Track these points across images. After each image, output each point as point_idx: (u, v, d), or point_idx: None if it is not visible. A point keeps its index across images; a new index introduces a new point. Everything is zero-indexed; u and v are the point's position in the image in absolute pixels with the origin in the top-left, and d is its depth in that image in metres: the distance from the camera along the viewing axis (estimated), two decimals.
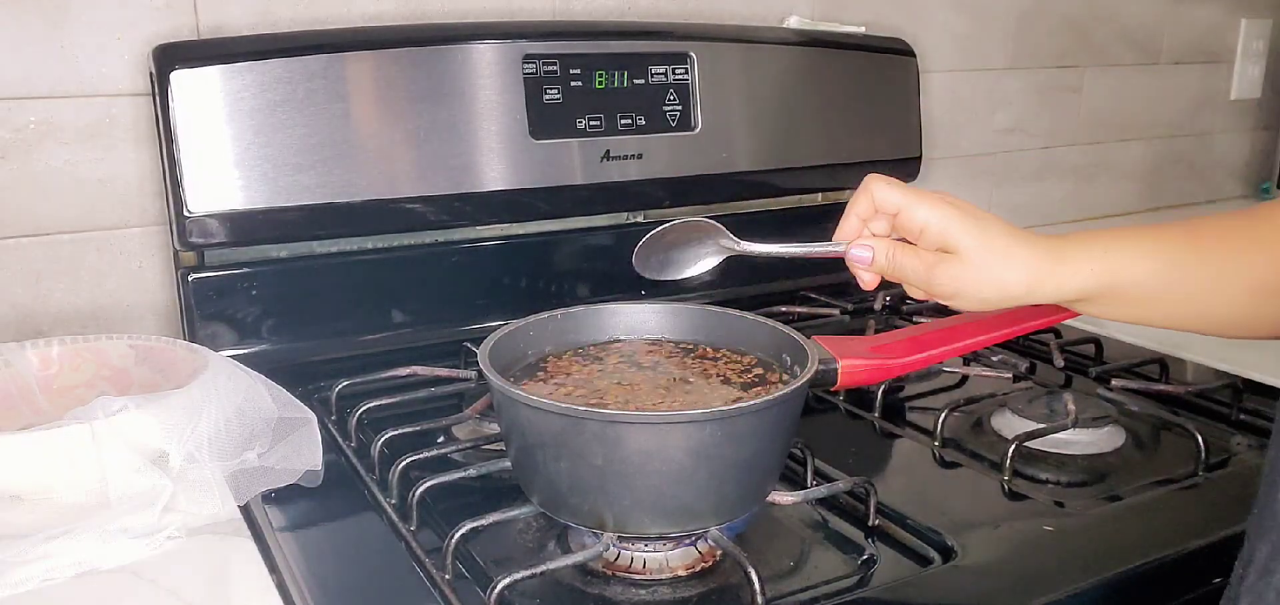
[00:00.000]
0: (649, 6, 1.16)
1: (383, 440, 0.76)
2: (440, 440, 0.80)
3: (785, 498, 0.68)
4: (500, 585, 0.57)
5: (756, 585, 0.58)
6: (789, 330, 0.70)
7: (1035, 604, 0.60)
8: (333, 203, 0.90)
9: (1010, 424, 0.86)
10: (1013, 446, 0.78)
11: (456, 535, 0.62)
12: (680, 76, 1.04)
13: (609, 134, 1.01)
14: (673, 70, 1.04)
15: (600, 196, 1.03)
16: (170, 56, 0.85)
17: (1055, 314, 0.70)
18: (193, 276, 0.90)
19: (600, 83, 1.00)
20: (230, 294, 0.91)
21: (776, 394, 0.61)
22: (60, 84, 0.90)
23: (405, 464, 0.72)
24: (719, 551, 0.65)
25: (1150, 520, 0.72)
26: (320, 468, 0.72)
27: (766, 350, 0.73)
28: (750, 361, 0.72)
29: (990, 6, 1.43)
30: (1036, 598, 0.60)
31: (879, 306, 1.17)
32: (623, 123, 1.02)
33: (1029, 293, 0.61)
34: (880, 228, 0.65)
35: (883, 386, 0.89)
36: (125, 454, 0.66)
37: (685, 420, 0.60)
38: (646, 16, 1.15)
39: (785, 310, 1.13)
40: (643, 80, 1.02)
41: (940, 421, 0.84)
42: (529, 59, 0.97)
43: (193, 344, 0.82)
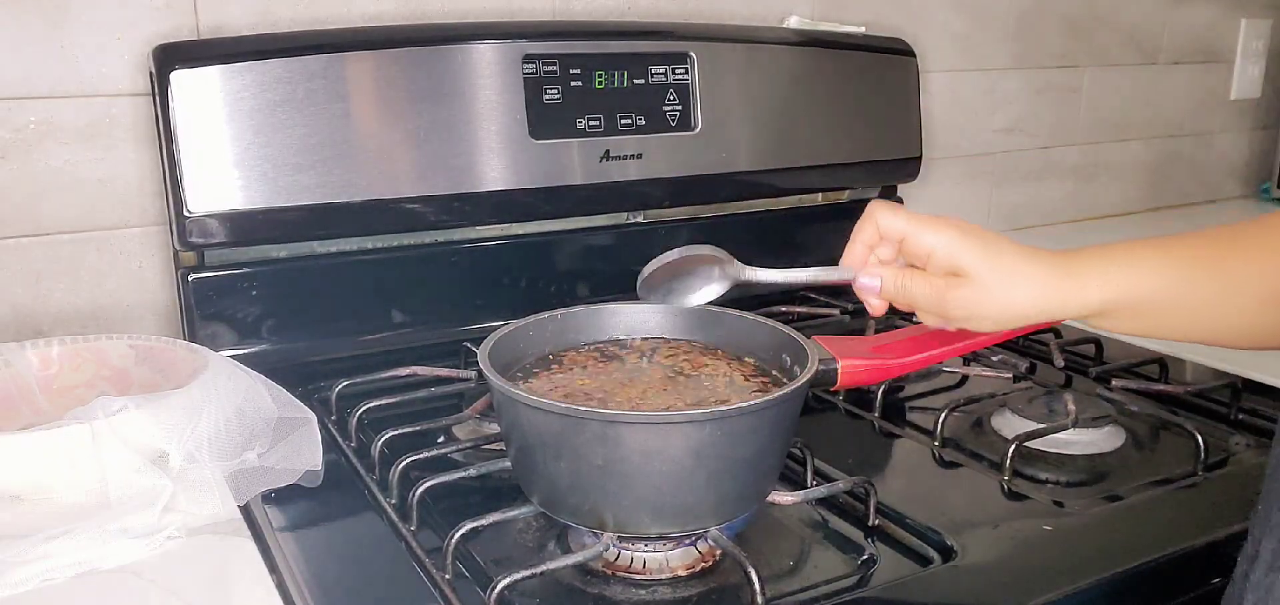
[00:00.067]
0: (649, 6, 1.16)
1: (383, 440, 0.76)
2: (440, 440, 0.80)
3: (785, 498, 0.68)
4: (500, 585, 0.57)
5: (756, 585, 0.58)
6: (789, 330, 0.70)
7: (1035, 604, 0.60)
8: (333, 203, 0.90)
9: (1010, 424, 0.86)
10: (1013, 446, 0.78)
11: (456, 535, 0.62)
12: (680, 76, 1.04)
13: (609, 134, 1.01)
14: (673, 70, 1.04)
15: (600, 196, 1.03)
16: (170, 56, 0.85)
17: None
18: (193, 276, 0.90)
19: (600, 83, 1.00)
20: (230, 294, 0.91)
21: (776, 394, 0.61)
22: (60, 84, 0.90)
23: (405, 464, 0.72)
24: (719, 551, 0.65)
25: (1150, 520, 0.72)
26: (320, 468, 0.72)
27: (766, 350, 0.73)
28: (750, 361, 0.72)
29: (990, 6, 1.43)
30: (1036, 597, 0.60)
31: None
32: (623, 123, 1.02)
33: (1044, 312, 0.60)
34: (886, 253, 0.64)
35: (883, 386, 0.89)
36: (125, 454, 0.66)
37: (685, 420, 0.60)
38: (646, 16, 1.16)
39: (785, 310, 1.13)
40: (643, 80, 1.02)
41: (940, 421, 0.84)
42: (529, 59, 0.97)
43: (193, 344, 0.82)
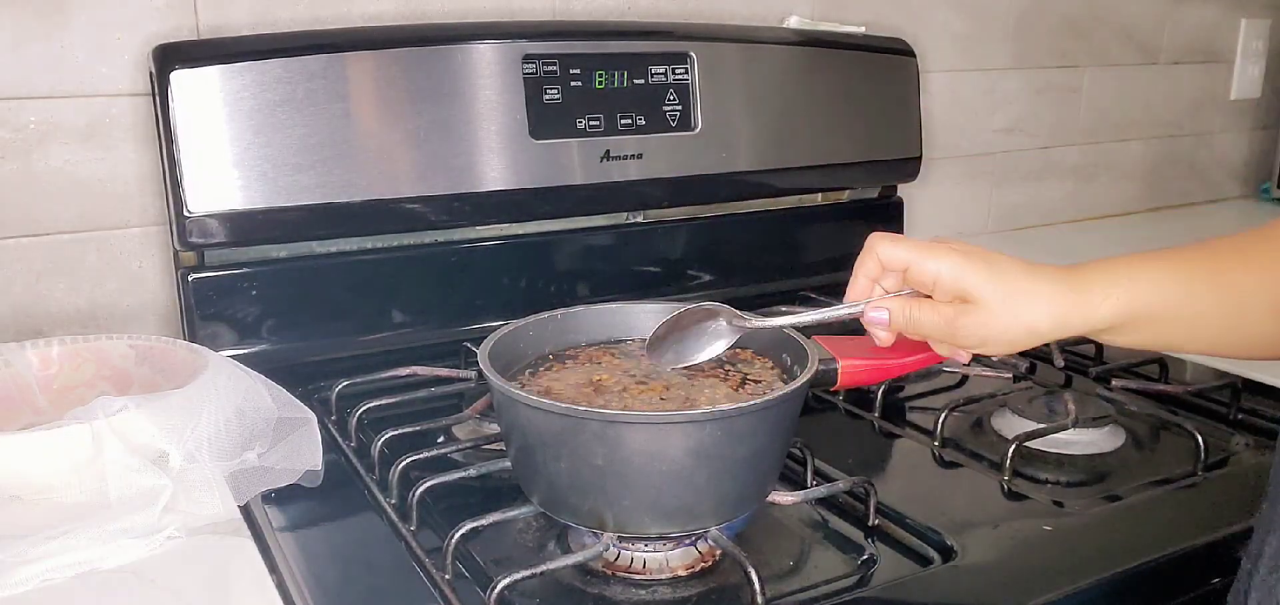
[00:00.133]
0: (649, 6, 1.16)
1: (383, 440, 0.76)
2: (440, 440, 0.80)
3: (785, 498, 0.68)
4: (500, 585, 0.58)
5: (756, 585, 0.58)
6: (789, 330, 0.70)
7: (1035, 604, 0.60)
8: (333, 203, 0.90)
9: (1010, 424, 0.86)
10: (1013, 446, 0.78)
11: (456, 535, 0.62)
12: (680, 76, 1.04)
13: (609, 134, 1.01)
14: (673, 70, 1.04)
15: (600, 196, 1.03)
16: (170, 56, 0.85)
17: None
18: (193, 276, 0.90)
19: (600, 83, 1.00)
20: (230, 294, 0.91)
21: (776, 394, 0.61)
22: (60, 84, 0.90)
23: (405, 464, 0.72)
24: (719, 551, 0.65)
25: (1150, 520, 0.72)
26: (320, 468, 0.72)
27: (766, 350, 0.73)
28: (749, 361, 0.72)
29: (990, 6, 1.43)
30: (1036, 597, 0.60)
31: None
32: (623, 123, 1.02)
33: (1056, 329, 0.59)
34: (891, 283, 0.63)
35: (883, 386, 0.89)
36: (125, 454, 0.66)
37: (685, 420, 0.60)
38: (646, 16, 1.15)
39: (785, 311, 1.13)
40: (643, 80, 1.02)
41: (940, 421, 0.84)
42: (529, 59, 0.97)
43: (193, 344, 0.82)
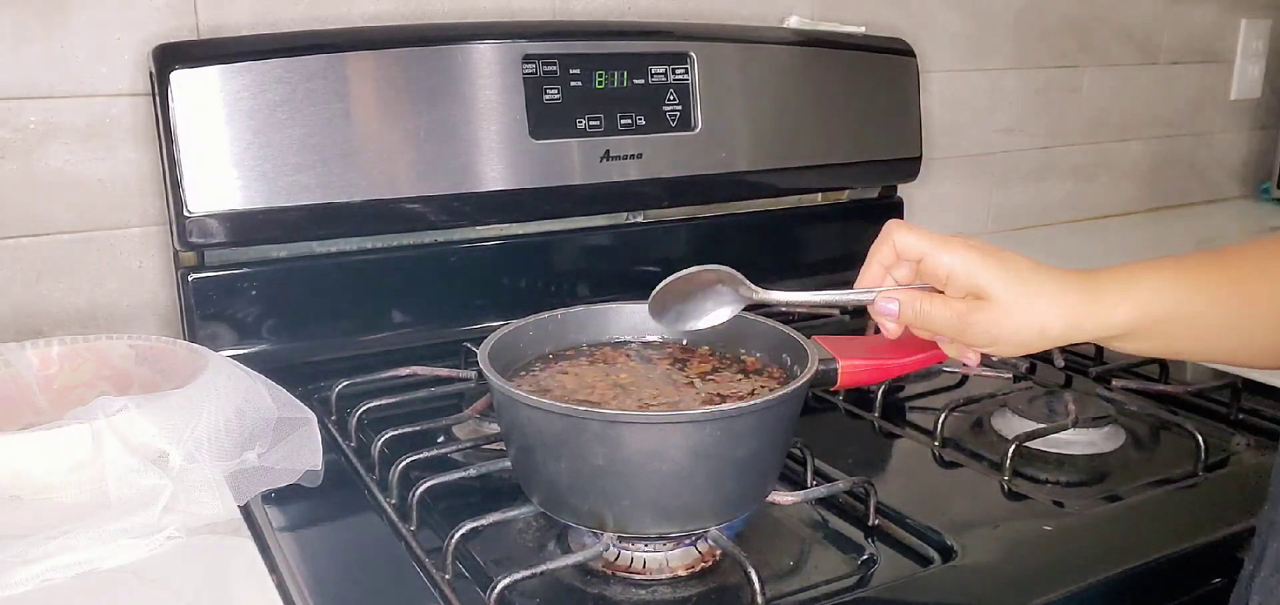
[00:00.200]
0: (649, 6, 1.16)
1: (383, 440, 0.76)
2: (440, 440, 0.80)
3: (785, 498, 0.68)
4: (500, 585, 0.58)
5: (756, 585, 0.58)
6: (789, 330, 0.70)
7: (1035, 604, 0.60)
8: (333, 203, 0.90)
9: (1010, 424, 0.86)
10: (1013, 446, 0.78)
11: (456, 535, 0.62)
12: (680, 76, 1.04)
13: (609, 134, 1.01)
14: (673, 70, 1.04)
15: (600, 196, 1.03)
16: (170, 56, 0.85)
17: None
18: (193, 276, 0.90)
19: (600, 83, 1.00)
20: (230, 294, 0.91)
21: (776, 394, 0.61)
22: (60, 84, 0.90)
23: (405, 464, 0.72)
24: (719, 551, 0.65)
25: (1150, 520, 0.72)
26: (320, 468, 0.72)
27: (766, 350, 0.73)
28: (750, 362, 0.72)
29: (990, 6, 1.43)
30: (1036, 598, 0.60)
31: None
32: (623, 123, 1.02)
33: (1067, 332, 0.58)
34: (903, 274, 0.63)
35: (883, 386, 0.89)
36: (125, 454, 0.66)
37: (685, 420, 0.60)
38: (646, 16, 1.15)
39: (785, 310, 1.13)
40: (643, 80, 1.02)
41: (940, 421, 0.84)
42: (529, 59, 0.97)
43: (193, 344, 0.82)
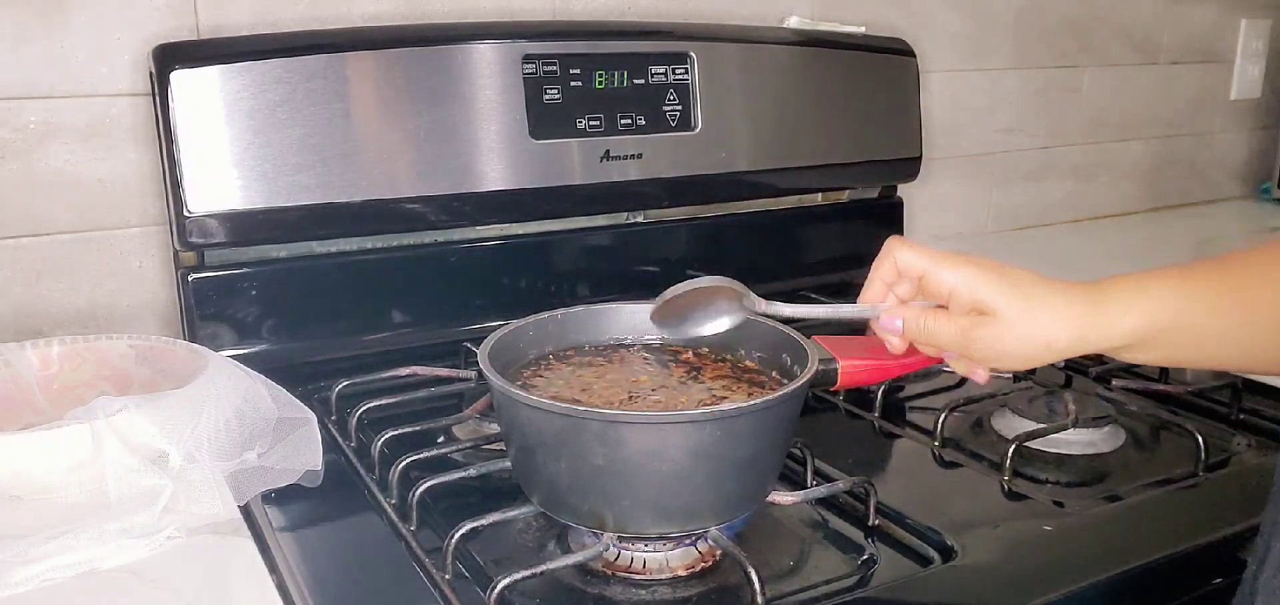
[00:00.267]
0: (649, 6, 1.16)
1: (383, 440, 0.76)
2: (440, 440, 0.80)
3: (785, 498, 0.68)
4: (500, 585, 0.57)
5: (756, 585, 0.58)
6: (789, 330, 0.70)
7: (1035, 604, 0.60)
8: (333, 203, 0.90)
9: (1010, 424, 0.86)
10: (1013, 446, 0.78)
11: (456, 535, 0.62)
12: (680, 76, 1.04)
13: (609, 134, 1.01)
14: (673, 70, 1.04)
15: (600, 196, 1.03)
16: (170, 56, 0.85)
17: None
18: (193, 276, 0.90)
19: (600, 83, 1.00)
20: (230, 294, 0.91)
21: (776, 394, 0.61)
22: (60, 84, 0.90)
23: (405, 464, 0.72)
24: (719, 551, 0.65)
25: (1150, 520, 0.72)
26: (320, 468, 0.72)
27: (766, 350, 0.73)
28: (750, 362, 0.72)
29: (990, 6, 1.43)
30: (1036, 598, 0.60)
31: None
32: (623, 123, 1.02)
33: (1074, 345, 0.58)
34: (905, 290, 0.63)
35: (883, 386, 0.89)
36: (125, 454, 0.66)
37: (685, 420, 0.60)
38: (646, 16, 1.15)
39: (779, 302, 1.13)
40: (643, 80, 1.02)
41: (940, 421, 0.84)
42: (529, 59, 0.97)
43: (193, 344, 0.82)
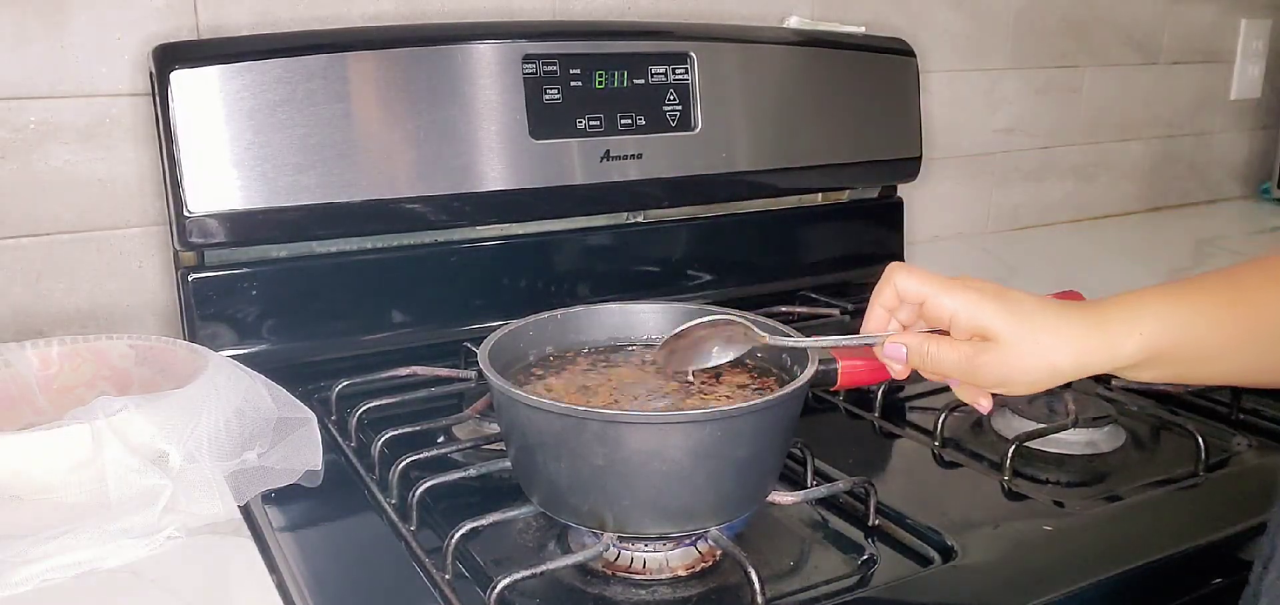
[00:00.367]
0: (649, 6, 1.16)
1: (383, 440, 0.76)
2: (440, 440, 0.80)
3: (785, 498, 0.68)
4: (500, 585, 0.57)
5: (756, 585, 0.58)
6: (789, 330, 0.70)
7: (1035, 604, 0.60)
8: (333, 203, 0.90)
9: (1010, 424, 0.86)
10: (1013, 446, 0.78)
11: (456, 535, 0.62)
12: (680, 76, 1.04)
13: (609, 134, 1.01)
14: (673, 70, 1.04)
15: (600, 196, 1.03)
16: (170, 56, 0.85)
17: None
18: (193, 276, 0.90)
19: (600, 83, 1.00)
20: (230, 294, 0.91)
21: (776, 394, 0.61)
22: (60, 84, 0.90)
23: (405, 464, 0.72)
24: (719, 551, 0.65)
25: (1150, 520, 0.72)
26: (320, 468, 0.72)
27: (766, 350, 0.73)
28: (750, 362, 0.72)
29: (990, 6, 1.43)
30: (1036, 598, 0.60)
31: None
32: (623, 123, 1.02)
33: (1078, 367, 0.57)
34: (906, 316, 0.62)
35: (883, 386, 0.89)
36: (125, 454, 0.66)
37: (685, 420, 0.60)
38: (646, 16, 1.15)
39: (785, 310, 1.13)
40: (643, 80, 1.02)
41: (940, 421, 0.84)
42: (529, 59, 0.96)
43: (193, 344, 0.82)
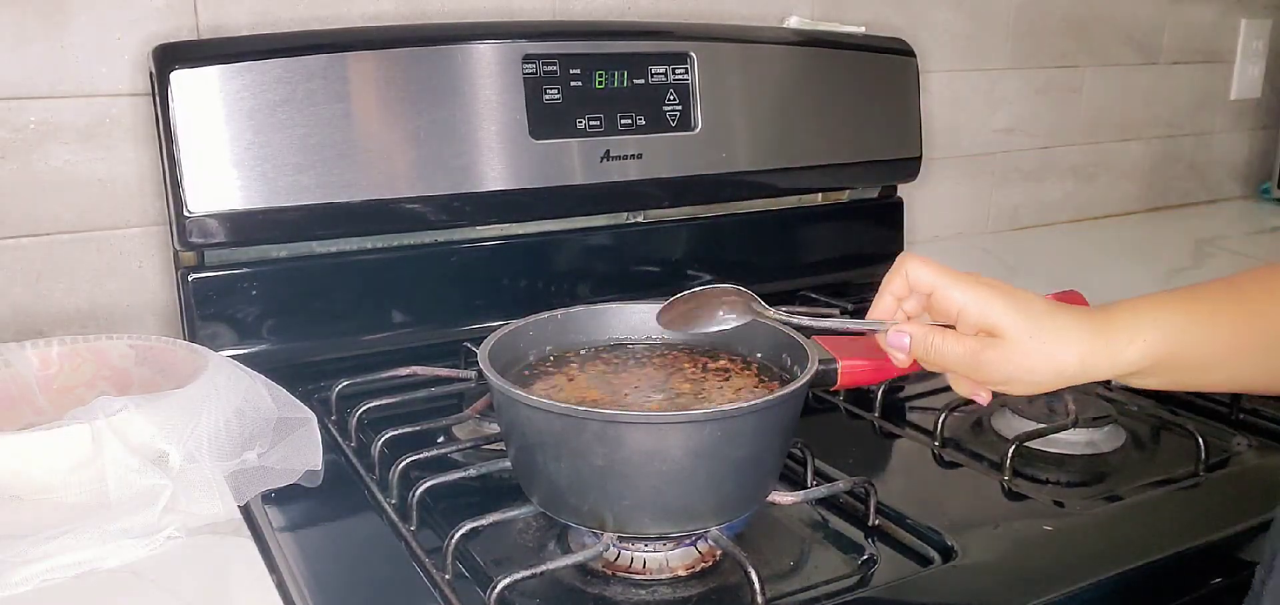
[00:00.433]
0: (649, 6, 1.16)
1: (383, 440, 0.76)
2: (440, 440, 0.80)
3: (785, 498, 0.68)
4: (500, 585, 0.57)
5: (756, 585, 0.58)
6: (789, 330, 0.70)
7: (1035, 604, 0.60)
8: (333, 203, 0.90)
9: (1010, 424, 0.86)
10: (1013, 446, 0.78)
11: (456, 535, 0.62)
12: (680, 76, 1.04)
13: (609, 134, 1.01)
14: (673, 70, 1.04)
15: (600, 196, 1.03)
16: (170, 56, 0.85)
17: None
18: (193, 276, 0.90)
19: (600, 83, 1.00)
20: (230, 294, 0.91)
21: (776, 394, 0.61)
22: (60, 84, 0.90)
23: (405, 464, 0.72)
24: (719, 551, 0.65)
25: (1150, 520, 0.72)
26: (320, 468, 0.72)
27: (766, 350, 0.73)
28: (750, 362, 0.72)
29: (990, 6, 1.43)
30: (1036, 598, 0.60)
31: None
32: (623, 123, 1.02)
33: (1083, 372, 0.57)
34: (913, 306, 0.62)
35: (883, 386, 0.89)
36: (125, 454, 0.66)
37: (685, 420, 0.60)
38: (646, 16, 1.15)
39: (786, 310, 1.12)
40: (643, 80, 1.02)
41: (940, 421, 0.84)
42: (529, 59, 0.96)
43: (193, 344, 0.82)
